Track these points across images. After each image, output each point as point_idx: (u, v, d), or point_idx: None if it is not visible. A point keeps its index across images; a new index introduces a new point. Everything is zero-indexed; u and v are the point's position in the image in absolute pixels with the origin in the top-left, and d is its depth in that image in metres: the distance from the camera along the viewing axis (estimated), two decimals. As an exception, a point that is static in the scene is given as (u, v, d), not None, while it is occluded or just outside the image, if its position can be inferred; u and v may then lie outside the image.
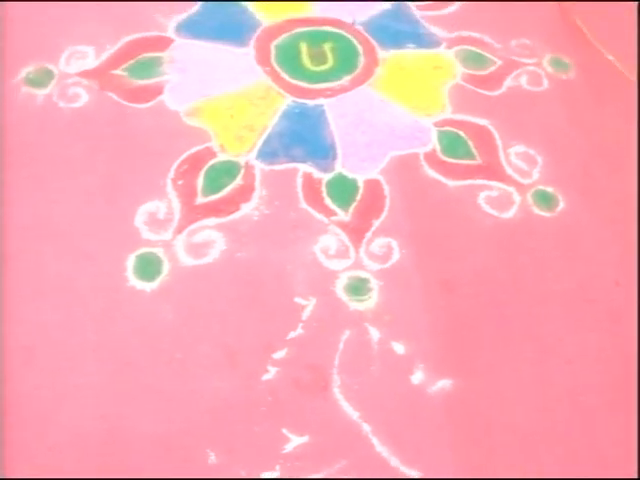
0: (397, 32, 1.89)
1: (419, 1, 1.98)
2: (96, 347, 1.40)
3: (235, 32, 1.84)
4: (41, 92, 1.69)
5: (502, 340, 1.47)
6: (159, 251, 1.49)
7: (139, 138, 1.64)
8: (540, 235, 1.61)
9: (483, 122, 1.76)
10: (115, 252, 1.49)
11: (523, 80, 1.86)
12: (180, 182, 1.58)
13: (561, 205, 1.65)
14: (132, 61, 1.75)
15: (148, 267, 1.47)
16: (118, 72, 1.73)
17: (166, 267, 1.48)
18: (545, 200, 1.65)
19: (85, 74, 1.73)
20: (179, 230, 1.52)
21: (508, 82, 1.85)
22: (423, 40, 1.89)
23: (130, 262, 1.48)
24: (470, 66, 1.85)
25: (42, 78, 1.71)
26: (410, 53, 1.85)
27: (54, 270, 1.47)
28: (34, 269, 1.46)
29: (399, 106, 1.75)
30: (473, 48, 1.90)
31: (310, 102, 1.73)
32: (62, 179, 1.57)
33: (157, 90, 1.71)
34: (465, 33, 1.93)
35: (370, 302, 1.48)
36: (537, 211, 1.64)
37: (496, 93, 1.82)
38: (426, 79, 1.81)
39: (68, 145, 1.62)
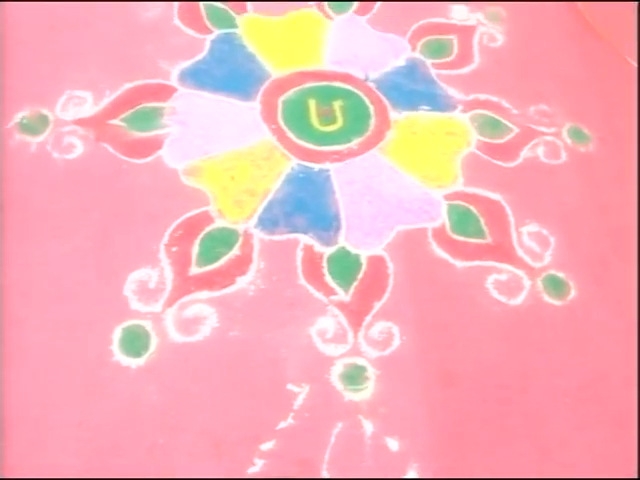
0: (411, 92, 1.85)
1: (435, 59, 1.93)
2: (76, 426, 1.36)
3: (242, 83, 1.80)
4: (35, 140, 1.65)
5: (502, 440, 1.44)
6: (147, 324, 1.46)
7: (134, 197, 1.60)
8: (549, 326, 1.57)
9: (496, 196, 1.72)
10: (101, 322, 1.46)
11: (540, 151, 1.82)
12: (174, 249, 1.55)
13: (572, 293, 1.62)
14: (131, 110, 1.71)
15: (135, 341, 1.44)
16: (116, 122, 1.69)
17: (154, 342, 1.45)
18: (556, 287, 1.62)
19: (81, 122, 1.69)
20: (170, 302, 1.49)
21: (525, 153, 1.81)
22: (438, 102, 1.85)
23: (116, 334, 1.45)
24: (486, 133, 1.82)
25: (37, 124, 1.67)
26: (423, 116, 1.81)
27: (35, 338, 1.43)
28: (14, 336, 1.43)
29: (409, 175, 1.71)
30: (490, 113, 1.86)
31: (316, 166, 1.69)
32: (50, 238, 1.54)
33: (156, 144, 1.68)
34: (482, 96, 1.89)
35: (366, 392, 1.45)
36: (547, 298, 1.60)
37: (511, 165, 1.78)
38: (439, 146, 1.77)
39: (59, 201, 1.58)
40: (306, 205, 1.63)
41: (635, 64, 1.98)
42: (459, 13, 2.04)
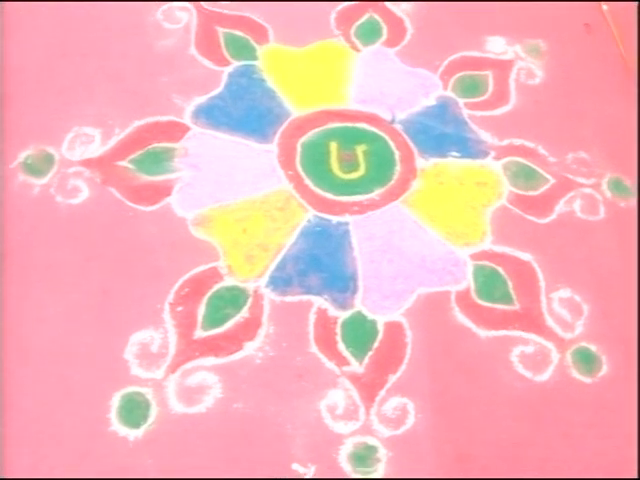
0: (441, 135, 1.75)
1: (468, 97, 1.82)
2: (68, 500, 1.32)
3: (259, 123, 1.71)
4: (39, 182, 1.59)
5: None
6: (148, 392, 1.40)
7: (139, 249, 1.54)
8: (575, 406, 1.48)
9: (526, 257, 1.63)
10: (100, 388, 1.40)
11: (577, 205, 1.71)
12: (179, 308, 1.48)
13: (604, 369, 1.53)
14: (141, 151, 1.64)
15: (134, 411, 1.38)
16: (124, 164, 1.62)
17: (154, 412, 1.39)
18: (587, 361, 1.53)
19: (88, 163, 1.62)
20: (172, 368, 1.42)
21: (560, 207, 1.71)
22: (469, 148, 1.74)
23: (115, 401, 1.39)
24: (519, 184, 1.71)
25: (41, 165, 1.61)
26: (452, 164, 1.71)
27: (30, 401, 1.38)
28: (9, 399, 1.38)
29: (434, 230, 1.62)
30: (524, 161, 1.75)
31: (334, 218, 1.61)
32: (50, 292, 1.48)
33: (165, 190, 1.60)
34: (517, 141, 1.78)
35: (375, 475, 1.38)
36: (576, 374, 1.51)
37: (545, 220, 1.68)
38: (467, 198, 1.68)
39: (61, 250, 1.52)
40: (321, 263, 1.55)
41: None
42: (496, 46, 1.92)
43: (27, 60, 1.74)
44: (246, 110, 1.73)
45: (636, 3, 1.99)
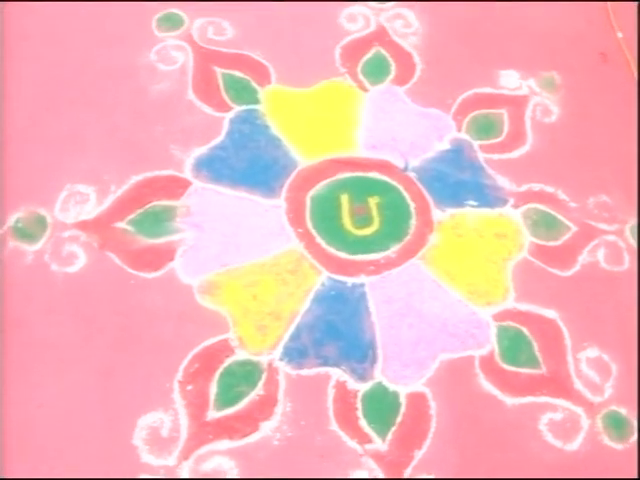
0: (457, 183, 1.70)
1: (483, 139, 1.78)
2: None
3: (265, 174, 1.65)
4: (31, 248, 1.52)
5: None
6: (160, 481, 1.35)
7: (143, 321, 1.48)
8: (608, 475, 1.45)
9: (551, 314, 1.59)
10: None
11: (601, 255, 1.68)
12: (189, 387, 1.43)
13: (635, 434, 1.50)
14: (140, 211, 1.58)
15: (147, 504, 1.33)
16: (123, 225, 1.56)
17: (168, 504, 1.34)
18: (617, 426, 1.50)
19: (83, 226, 1.55)
20: (185, 454, 1.37)
21: (584, 257, 1.67)
22: (486, 196, 1.70)
23: (126, 494, 1.34)
24: (540, 234, 1.67)
25: (33, 229, 1.54)
26: (470, 214, 1.67)
27: (34, 497, 1.33)
28: (11, 494, 1.32)
29: (454, 290, 1.58)
30: (545, 208, 1.71)
31: (349, 280, 1.56)
32: (50, 372, 1.42)
33: (168, 254, 1.54)
34: (536, 186, 1.74)
35: None
36: (607, 441, 1.49)
37: (569, 273, 1.65)
38: (487, 252, 1.63)
39: (59, 325, 1.46)
40: (338, 330, 1.50)
41: None
42: (509, 80, 1.87)
43: (12, 111, 1.66)
44: (250, 161, 1.66)
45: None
